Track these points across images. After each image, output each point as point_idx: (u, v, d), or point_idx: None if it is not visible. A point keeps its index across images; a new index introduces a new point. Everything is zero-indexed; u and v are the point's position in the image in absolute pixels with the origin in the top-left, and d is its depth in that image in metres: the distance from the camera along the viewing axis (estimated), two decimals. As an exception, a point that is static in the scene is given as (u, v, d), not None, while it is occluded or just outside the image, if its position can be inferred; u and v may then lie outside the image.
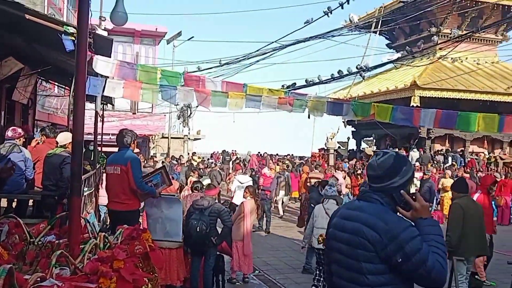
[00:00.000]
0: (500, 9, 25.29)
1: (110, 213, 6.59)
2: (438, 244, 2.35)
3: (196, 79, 7.59)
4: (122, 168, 6.01)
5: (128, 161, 6.00)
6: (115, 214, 6.15)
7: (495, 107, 23.21)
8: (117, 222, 4.86)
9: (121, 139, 6.23)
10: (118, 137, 6.27)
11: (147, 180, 6.31)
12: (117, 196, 6.08)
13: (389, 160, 2.50)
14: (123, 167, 6.01)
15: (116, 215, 6.07)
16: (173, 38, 27.19)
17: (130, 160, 6.04)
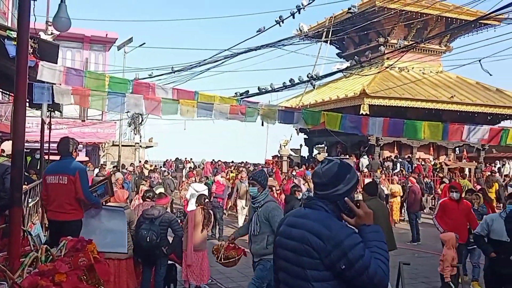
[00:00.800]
0: (443, 21, 26.44)
1: (51, 224, 6.30)
2: (381, 250, 2.39)
3: (145, 86, 7.46)
4: (70, 178, 5.84)
5: (77, 171, 5.86)
6: (58, 224, 5.91)
7: (439, 115, 24.19)
8: (60, 232, 4.69)
9: (64, 148, 6.06)
10: (60, 145, 6.08)
11: (92, 190, 6.16)
12: (62, 207, 5.88)
13: (333, 168, 2.53)
14: (71, 177, 5.84)
15: (59, 225, 5.84)
16: (124, 44, 26.70)
17: (79, 170, 5.90)
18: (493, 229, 6.02)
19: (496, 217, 6.17)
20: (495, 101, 26.14)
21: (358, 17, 21.47)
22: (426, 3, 21.56)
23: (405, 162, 24.64)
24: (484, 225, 6.18)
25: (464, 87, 27.27)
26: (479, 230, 6.26)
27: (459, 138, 8.76)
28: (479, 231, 6.25)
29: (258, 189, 5.62)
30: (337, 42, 30.45)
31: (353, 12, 12.91)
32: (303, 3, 11.51)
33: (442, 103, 24.53)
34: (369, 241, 2.39)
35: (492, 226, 6.04)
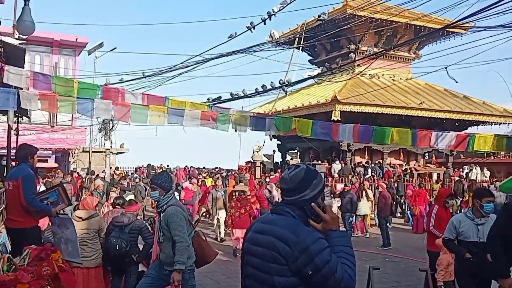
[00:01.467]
0: (412, 29, 26.99)
1: (9, 232, 6.15)
2: (347, 255, 2.40)
3: (115, 91, 7.35)
4: (14, 184, 5.71)
5: (20, 177, 5.69)
6: (12, 232, 5.76)
7: (409, 121, 24.66)
8: (18, 241, 4.57)
9: (19, 154, 5.97)
10: (17, 152, 6.03)
11: (42, 197, 5.96)
12: (11, 213, 5.78)
13: (300, 173, 2.55)
14: (14, 182, 5.71)
15: (14, 233, 5.70)
16: (94, 49, 26.30)
17: (22, 176, 5.72)
18: (461, 230, 5.80)
19: (462, 217, 5.92)
20: (463, 107, 26.81)
21: (329, 24, 21.75)
22: (395, 11, 21.98)
23: (376, 168, 25.01)
24: (451, 228, 5.92)
25: (432, 93, 27.89)
26: (447, 234, 5.98)
27: (428, 144, 8.96)
28: (447, 236, 5.97)
29: (159, 192, 5.31)
30: (309, 48, 30.76)
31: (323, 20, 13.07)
32: (274, 10, 11.58)
33: (412, 109, 25.00)
34: (336, 246, 2.40)
35: (460, 228, 5.80)
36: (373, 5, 19.59)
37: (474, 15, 8.76)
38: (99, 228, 6.91)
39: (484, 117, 27.41)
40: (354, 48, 27.07)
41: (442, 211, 8.30)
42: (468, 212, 5.89)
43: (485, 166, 27.88)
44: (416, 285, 8.62)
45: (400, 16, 23.01)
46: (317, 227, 2.47)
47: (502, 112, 28.05)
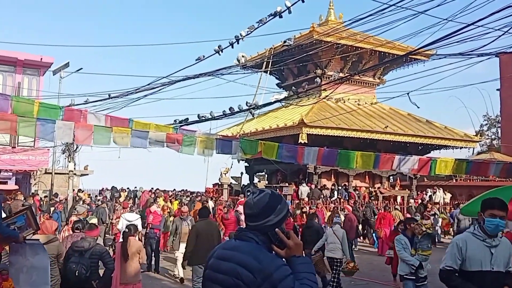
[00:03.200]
0: (377, 55, 27.74)
1: None
2: (311, 282, 2.38)
3: (77, 113, 7.20)
4: None
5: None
6: None
7: (374, 144, 25.10)
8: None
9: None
10: None
11: (9, 222, 5.72)
12: None
13: (264, 198, 2.52)
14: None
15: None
16: (60, 69, 25.79)
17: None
18: (469, 256, 4.13)
19: (469, 238, 4.22)
20: (425, 132, 27.51)
21: (297, 49, 22.09)
22: (360, 37, 22.55)
23: (343, 191, 25.24)
24: (455, 253, 4.19)
25: (397, 118, 28.55)
26: (449, 262, 4.21)
27: (390, 167, 9.13)
28: (449, 264, 4.19)
29: None
30: (276, 72, 31.13)
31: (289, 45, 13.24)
32: (242, 34, 11.67)
33: (376, 133, 25.48)
34: (299, 272, 2.38)
35: (467, 252, 4.13)
36: (339, 31, 20.05)
37: (435, 43, 9.05)
38: (58, 253, 6.70)
39: (446, 141, 28.20)
40: (321, 73, 27.55)
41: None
42: (476, 230, 4.25)
43: (447, 189, 28.53)
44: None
45: (365, 42, 23.63)
46: (281, 253, 2.45)
47: (463, 136, 28.95)
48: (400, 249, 8.04)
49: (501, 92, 38.27)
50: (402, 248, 8.04)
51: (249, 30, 12.02)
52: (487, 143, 44.51)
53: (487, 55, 8.59)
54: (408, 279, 7.93)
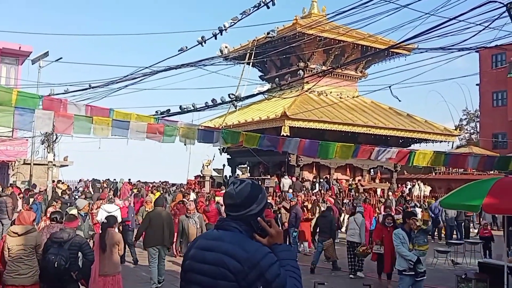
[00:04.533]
0: (359, 49, 27.88)
1: None
2: (294, 268, 2.41)
3: (57, 102, 7.07)
4: None
5: None
6: None
7: (355, 138, 25.28)
8: None
9: None
10: None
11: None
12: None
13: (246, 188, 2.52)
14: None
15: None
16: (39, 58, 25.34)
17: None
18: None
19: None
20: (406, 125, 27.83)
21: (280, 41, 22.09)
22: (343, 31, 22.62)
23: (324, 183, 25.43)
24: None
25: (378, 111, 28.80)
26: None
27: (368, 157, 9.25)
28: None
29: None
30: (259, 65, 31.09)
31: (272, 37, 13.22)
32: (225, 25, 11.61)
33: (358, 126, 25.69)
34: (283, 259, 2.40)
35: None
36: (321, 24, 20.08)
37: (416, 37, 9.12)
38: (37, 244, 6.61)
39: (426, 135, 28.59)
40: (303, 65, 27.62)
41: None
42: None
43: (426, 182, 28.96)
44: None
45: (347, 36, 23.70)
46: (263, 241, 2.45)
47: (443, 130, 29.38)
48: (398, 244, 7.86)
49: (480, 87, 38.90)
50: (400, 242, 7.87)
51: (232, 21, 11.96)
52: (466, 137, 45.27)
53: (467, 50, 8.70)
54: (406, 275, 7.79)
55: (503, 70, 35.11)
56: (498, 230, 18.37)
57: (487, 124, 38.42)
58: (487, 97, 38.37)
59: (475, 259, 12.43)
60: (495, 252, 12.56)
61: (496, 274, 8.30)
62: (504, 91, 36.34)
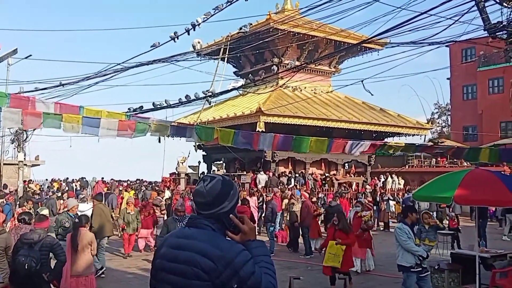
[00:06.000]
0: (333, 44, 28.03)
1: None
2: (268, 264, 2.37)
3: (25, 100, 6.87)
4: None
5: None
6: None
7: (330, 132, 25.47)
8: None
9: None
10: None
11: None
12: None
13: (217, 185, 2.44)
14: None
15: None
16: (7, 56, 24.67)
17: None
18: None
19: None
20: (379, 119, 28.18)
21: (253, 37, 22.00)
22: (316, 26, 22.70)
23: (300, 178, 25.55)
24: None
25: (352, 106, 29.08)
26: None
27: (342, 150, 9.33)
28: None
29: None
30: (234, 61, 30.97)
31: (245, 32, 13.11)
32: (198, 21, 11.46)
33: (332, 121, 25.89)
34: (256, 256, 2.35)
35: None
36: (294, 19, 20.10)
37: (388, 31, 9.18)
38: (6, 246, 6.46)
39: (399, 128, 29.02)
40: (278, 61, 27.64)
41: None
42: None
43: (400, 175, 29.41)
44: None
45: (320, 31, 23.80)
46: (236, 238, 2.40)
47: (415, 124, 29.87)
48: (406, 239, 7.34)
49: (451, 81, 39.65)
50: (407, 238, 7.38)
51: (205, 16, 11.82)
52: (438, 130, 46.12)
53: (438, 44, 8.80)
54: (413, 272, 7.34)
55: (473, 64, 35.86)
56: (472, 221, 18.82)
57: (457, 117, 39.21)
58: (457, 90, 39.13)
59: (447, 250, 12.66)
60: (464, 243, 12.84)
61: (468, 264, 8.47)
62: (474, 84, 37.13)
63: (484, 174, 8.25)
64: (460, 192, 7.49)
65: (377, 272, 11.43)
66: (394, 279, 10.65)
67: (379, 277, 10.94)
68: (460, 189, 7.53)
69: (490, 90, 35.70)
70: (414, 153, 18.20)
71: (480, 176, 8.01)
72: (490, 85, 35.69)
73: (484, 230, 14.26)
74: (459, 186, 7.56)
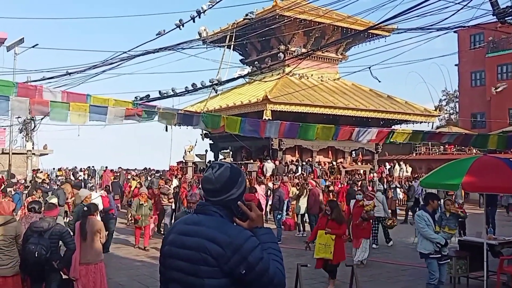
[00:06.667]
0: (340, 31, 27.82)
1: None
2: (275, 251, 2.39)
3: (32, 89, 6.90)
4: None
5: None
6: None
7: (336, 120, 25.39)
8: None
9: None
10: None
11: None
12: None
13: (225, 172, 2.45)
14: None
15: None
16: (14, 45, 24.75)
17: None
18: None
19: None
20: (387, 107, 28.01)
21: (260, 24, 21.88)
22: (322, 12, 22.51)
23: (307, 166, 25.53)
24: None
25: (359, 93, 28.91)
26: None
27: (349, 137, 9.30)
28: None
29: None
30: (240, 49, 30.84)
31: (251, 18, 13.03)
32: (203, 8, 11.42)
33: (339, 109, 25.78)
34: (264, 242, 2.37)
35: None
36: (300, 5, 19.93)
37: (396, 17, 9.09)
38: (17, 234, 6.50)
39: (406, 116, 28.84)
40: (284, 48, 27.48)
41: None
42: None
43: (407, 162, 29.30)
44: (343, 280, 8.83)
45: (327, 18, 23.61)
46: (243, 225, 2.41)
47: (423, 111, 29.66)
48: (424, 226, 7.33)
49: (459, 67, 39.30)
50: (425, 225, 7.35)
51: (210, 3, 11.77)
52: (445, 117, 45.84)
53: (446, 30, 8.72)
54: (433, 258, 7.37)
55: (481, 50, 35.49)
56: (480, 209, 18.76)
57: (466, 104, 38.93)
58: (465, 77, 38.80)
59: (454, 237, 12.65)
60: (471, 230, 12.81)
61: (476, 251, 8.45)
62: (482, 71, 36.78)
63: (492, 161, 8.20)
64: (468, 179, 7.45)
65: (384, 260, 11.46)
66: (401, 267, 10.70)
67: (386, 265, 10.97)
68: (468, 176, 7.49)
69: (498, 77, 35.37)
70: (422, 141, 18.16)
71: (488, 163, 7.97)
72: (498, 71, 35.35)
73: (493, 218, 14.20)
74: (467, 173, 7.53)
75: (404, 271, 10.33)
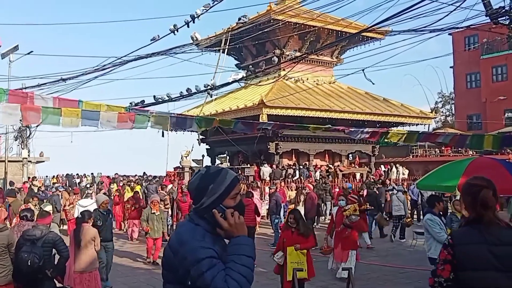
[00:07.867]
0: (334, 34, 27.85)
1: None
2: (238, 266, 2.19)
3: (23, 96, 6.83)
4: None
5: None
6: None
7: (332, 123, 25.33)
8: None
9: None
10: None
11: None
12: None
13: (195, 181, 2.38)
14: None
15: None
16: (8, 52, 24.66)
17: None
18: None
19: None
20: (383, 109, 28.02)
21: (254, 28, 21.89)
22: (316, 16, 22.52)
23: (304, 170, 25.49)
24: None
25: (354, 96, 28.92)
26: None
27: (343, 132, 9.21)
28: None
29: None
30: (235, 53, 30.85)
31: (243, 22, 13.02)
32: (197, 13, 11.39)
33: (335, 112, 25.76)
34: (229, 255, 2.24)
35: None
36: (295, 9, 19.95)
37: (389, 19, 9.09)
38: (9, 243, 6.42)
39: (402, 118, 28.85)
40: (279, 52, 27.49)
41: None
42: None
43: (404, 165, 29.29)
44: (341, 284, 8.78)
45: (321, 21, 23.62)
46: (222, 234, 2.32)
47: (419, 113, 29.69)
48: (439, 231, 6.89)
49: (454, 69, 39.41)
50: (440, 229, 6.93)
51: (204, 8, 11.75)
52: (441, 119, 45.91)
53: (439, 31, 8.71)
54: None
55: (476, 52, 35.61)
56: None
57: (461, 106, 39.02)
58: (461, 79, 38.92)
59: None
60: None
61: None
62: (477, 72, 36.89)
63: (488, 162, 8.17)
64: (464, 181, 7.40)
65: (381, 263, 11.41)
66: (399, 270, 10.64)
67: (383, 268, 10.91)
68: (464, 177, 7.43)
69: (493, 78, 35.48)
70: (417, 143, 18.15)
71: (484, 164, 7.94)
72: (493, 73, 35.47)
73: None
74: (463, 174, 7.48)
75: (402, 274, 10.28)
